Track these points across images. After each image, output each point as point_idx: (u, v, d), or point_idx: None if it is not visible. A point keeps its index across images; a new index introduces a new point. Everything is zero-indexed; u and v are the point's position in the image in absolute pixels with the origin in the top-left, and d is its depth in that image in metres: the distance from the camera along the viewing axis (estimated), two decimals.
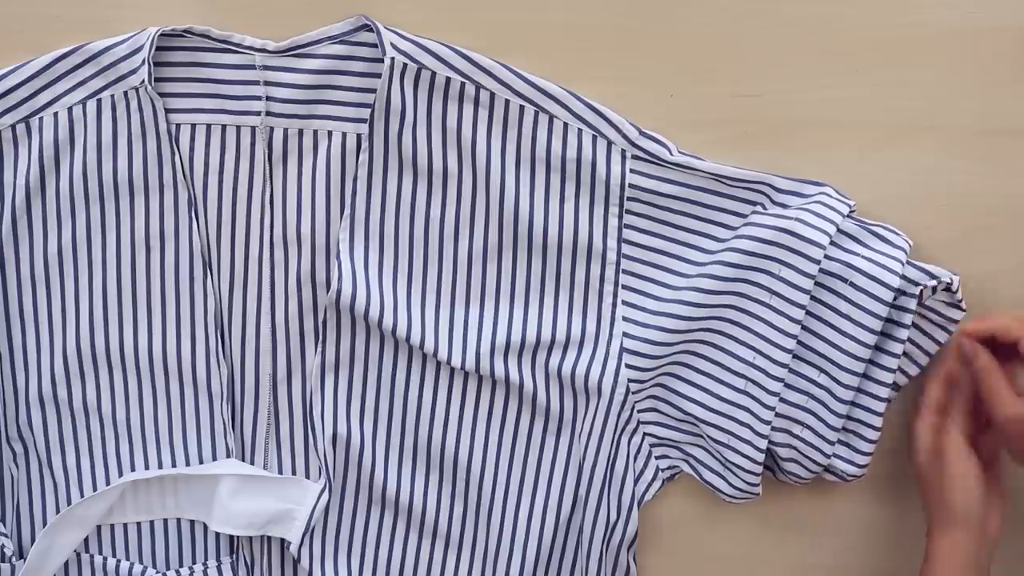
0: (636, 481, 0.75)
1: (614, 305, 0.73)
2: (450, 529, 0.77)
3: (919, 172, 0.71)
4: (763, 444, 0.71)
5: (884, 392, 0.69)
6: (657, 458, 0.75)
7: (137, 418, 0.75)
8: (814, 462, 0.71)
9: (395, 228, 0.72)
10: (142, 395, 0.75)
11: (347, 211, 0.71)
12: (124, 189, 0.71)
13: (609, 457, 0.75)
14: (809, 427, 0.70)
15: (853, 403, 0.70)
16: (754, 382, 0.70)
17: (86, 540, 0.77)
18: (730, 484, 0.73)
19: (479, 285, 0.73)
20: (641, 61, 0.71)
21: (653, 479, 0.76)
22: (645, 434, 0.75)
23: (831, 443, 0.70)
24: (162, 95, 0.70)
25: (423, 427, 0.75)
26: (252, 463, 0.76)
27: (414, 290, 0.73)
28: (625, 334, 0.73)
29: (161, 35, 0.69)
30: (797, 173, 0.71)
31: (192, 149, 0.71)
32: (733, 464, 0.72)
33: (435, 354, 0.73)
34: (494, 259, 0.72)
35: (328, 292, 0.71)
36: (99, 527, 0.77)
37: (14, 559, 0.75)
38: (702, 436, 0.74)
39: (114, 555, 0.77)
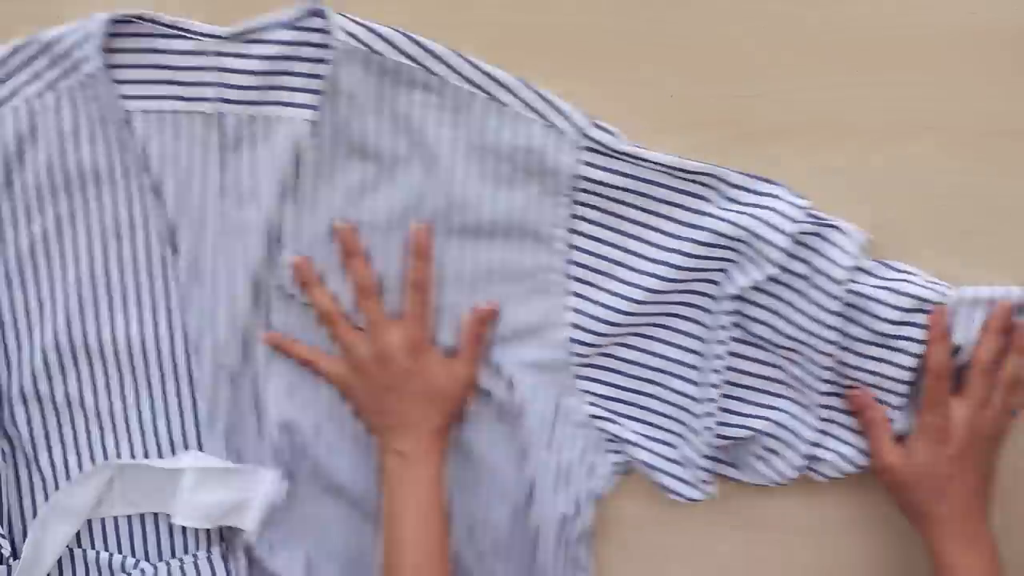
0: (590, 476, 0.74)
1: (562, 295, 0.72)
2: None
3: (919, 172, 0.71)
4: (711, 436, 0.71)
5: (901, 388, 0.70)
6: (609, 452, 0.75)
7: (120, 409, 0.75)
8: (799, 454, 0.72)
9: (343, 212, 0.71)
10: (123, 385, 0.74)
11: (295, 196, 0.70)
12: (89, 178, 0.71)
13: (559, 448, 0.74)
14: (790, 418, 0.72)
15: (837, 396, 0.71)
16: (705, 374, 0.71)
17: (79, 536, 0.77)
18: (683, 482, 0.73)
19: None
20: (641, 61, 0.71)
21: (608, 474, 0.75)
22: (598, 428, 0.74)
23: (811, 435, 0.71)
24: (116, 82, 0.69)
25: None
26: (217, 454, 0.75)
27: None
28: (573, 324, 0.72)
29: (112, 22, 0.68)
30: (797, 173, 0.71)
31: (148, 136, 0.70)
32: (688, 459, 0.73)
33: None
34: (441, 247, 0.72)
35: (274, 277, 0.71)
36: (90, 522, 0.76)
37: (11, 560, 0.75)
38: (655, 430, 0.74)
39: (106, 549, 0.77)
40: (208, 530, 0.76)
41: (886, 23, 0.70)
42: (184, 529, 0.76)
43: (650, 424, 0.74)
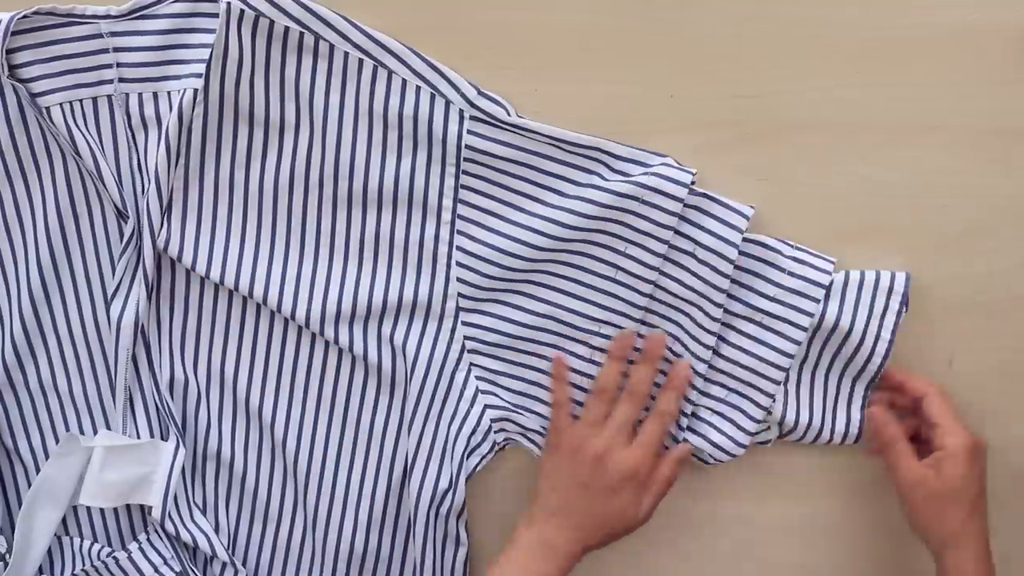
0: (470, 454, 0.74)
1: (448, 266, 0.72)
2: (269, 496, 0.77)
3: (919, 172, 0.71)
4: None
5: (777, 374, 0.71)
6: (496, 432, 0.75)
7: (94, 390, 0.75)
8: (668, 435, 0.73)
9: (230, 179, 0.71)
10: (94, 366, 0.75)
11: (181, 161, 0.70)
12: (41, 161, 0.71)
13: (442, 423, 0.74)
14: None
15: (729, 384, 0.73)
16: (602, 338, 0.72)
17: (65, 524, 0.77)
18: None
19: (313, 240, 0.72)
20: (641, 61, 0.71)
21: (488, 452, 0.75)
22: (486, 406, 0.74)
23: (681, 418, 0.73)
24: (24, 80, 0.69)
25: (252, 382, 0.75)
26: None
27: (247, 242, 0.72)
28: (460, 295, 0.72)
29: (11, 22, 0.67)
30: (797, 173, 0.71)
31: (69, 125, 0.70)
32: None
33: (278, 308, 0.72)
34: (328, 214, 0.71)
35: (157, 239, 0.70)
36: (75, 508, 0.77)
37: (8, 556, 0.75)
38: (540, 404, 0.74)
39: (80, 535, 0.77)
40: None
41: (887, 23, 0.69)
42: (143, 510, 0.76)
43: (536, 399, 0.75)
